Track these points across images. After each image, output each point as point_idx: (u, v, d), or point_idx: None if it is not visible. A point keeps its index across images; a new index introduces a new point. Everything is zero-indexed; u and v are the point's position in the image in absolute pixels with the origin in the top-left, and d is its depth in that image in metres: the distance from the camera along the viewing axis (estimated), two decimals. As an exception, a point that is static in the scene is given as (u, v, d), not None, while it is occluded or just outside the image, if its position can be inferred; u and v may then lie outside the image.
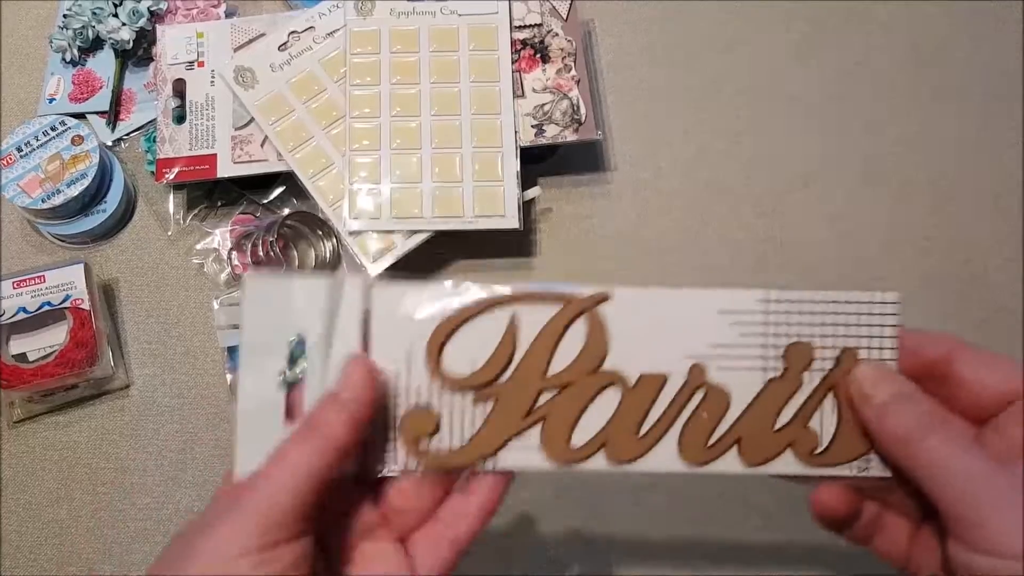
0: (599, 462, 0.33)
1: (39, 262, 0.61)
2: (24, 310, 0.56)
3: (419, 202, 0.56)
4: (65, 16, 0.65)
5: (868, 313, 0.33)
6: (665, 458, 0.33)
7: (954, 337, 0.33)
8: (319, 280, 0.33)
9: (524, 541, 0.54)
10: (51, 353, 0.55)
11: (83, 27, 0.64)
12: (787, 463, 0.33)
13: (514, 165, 0.57)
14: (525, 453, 0.33)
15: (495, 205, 0.56)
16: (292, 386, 0.32)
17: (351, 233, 0.56)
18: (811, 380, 0.33)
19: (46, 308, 0.56)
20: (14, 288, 0.56)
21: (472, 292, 0.33)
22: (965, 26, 0.68)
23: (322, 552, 0.32)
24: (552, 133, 0.58)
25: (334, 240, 0.61)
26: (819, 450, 0.33)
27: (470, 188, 0.57)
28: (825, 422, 0.33)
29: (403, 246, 0.56)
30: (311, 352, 0.32)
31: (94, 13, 0.64)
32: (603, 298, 0.33)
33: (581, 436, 0.33)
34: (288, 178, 0.60)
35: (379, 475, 0.33)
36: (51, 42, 0.66)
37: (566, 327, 0.33)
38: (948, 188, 0.63)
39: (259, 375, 0.33)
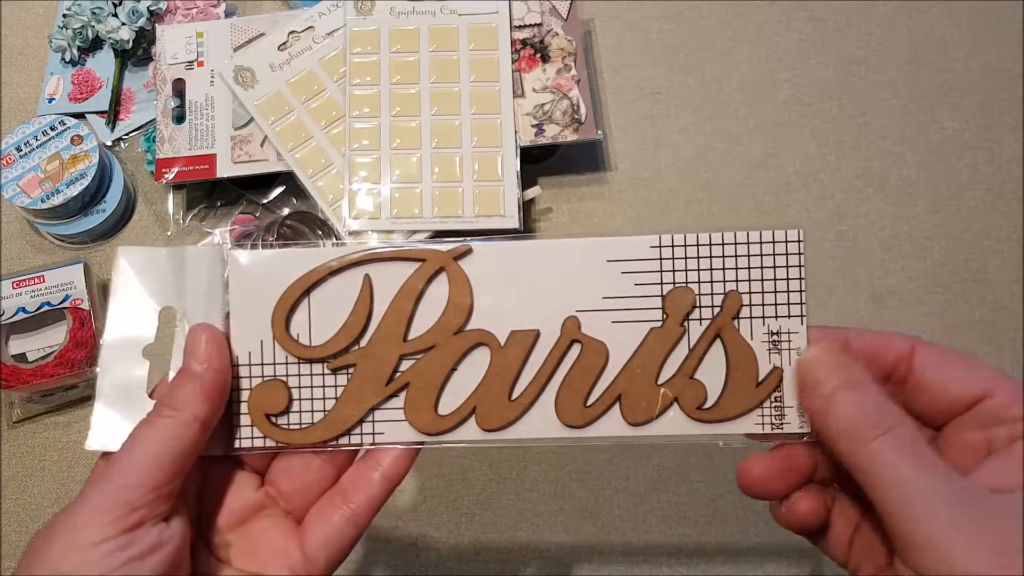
0: (471, 431, 0.31)
1: (38, 262, 0.61)
2: (24, 310, 0.56)
3: (419, 202, 0.56)
4: (65, 16, 0.65)
5: (771, 254, 0.30)
6: (541, 422, 0.31)
7: (913, 336, 0.30)
8: (185, 250, 0.31)
9: (524, 541, 0.54)
10: (51, 353, 0.55)
11: (82, 27, 0.64)
12: (673, 420, 0.30)
13: (514, 165, 0.57)
14: (389, 425, 0.31)
15: (495, 205, 0.56)
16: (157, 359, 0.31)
17: (351, 233, 0.56)
18: (695, 329, 0.30)
19: (46, 308, 0.56)
20: (14, 288, 0.56)
21: (320, 255, 0.31)
22: (965, 26, 0.68)
23: (202, 539, 0.31)
24: (552, 133, 0.58)
25: (334, 240, 0.60)
26: (708, 404, 0.30)
27: (470, 188, 0.57)
28: (713, 374, 0.30)
29: (403, 246, 0.56)
30: (178, 325, 0.31)
31: (93, 13, 0.64)
32: (464, 251, 0.31)
33: (449, 403, 0.31)
34: (288, 178, 0.60)
35: (228, 453, 0.31)
36: (51, 42, 0.65)
37: (426, 285, 0.31)
38: (948, 188, 0.63)
39: (124, 348, 0.31)
